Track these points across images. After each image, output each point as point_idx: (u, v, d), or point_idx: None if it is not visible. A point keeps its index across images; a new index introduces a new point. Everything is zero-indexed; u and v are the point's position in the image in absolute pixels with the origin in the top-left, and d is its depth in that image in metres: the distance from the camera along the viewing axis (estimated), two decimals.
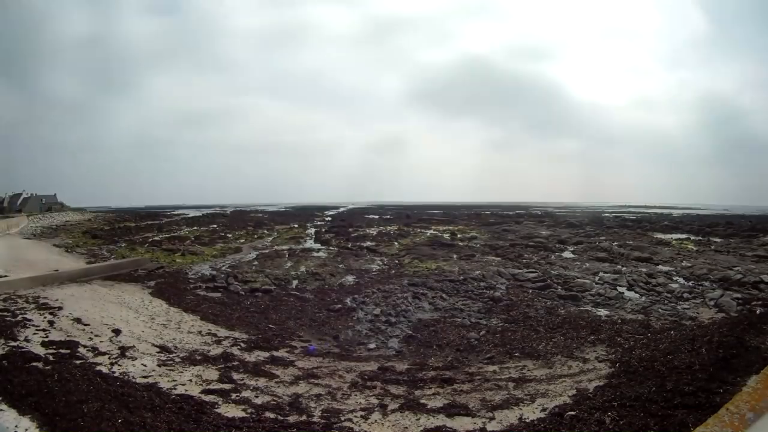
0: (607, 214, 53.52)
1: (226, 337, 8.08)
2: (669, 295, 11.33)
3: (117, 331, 7.69)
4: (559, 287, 12.41)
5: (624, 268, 14.89)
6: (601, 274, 13.98)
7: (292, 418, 4.76)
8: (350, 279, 14.03)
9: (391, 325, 9.39)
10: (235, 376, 6.05)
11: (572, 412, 4.51)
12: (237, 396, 5.34)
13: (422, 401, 5.27)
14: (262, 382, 5.92)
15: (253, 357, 7.04)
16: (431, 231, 30.69)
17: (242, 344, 7.69)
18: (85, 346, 6.72)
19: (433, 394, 5.56)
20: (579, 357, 6.85)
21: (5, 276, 11.45)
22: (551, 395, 5.34)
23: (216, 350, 7.26)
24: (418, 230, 31.29)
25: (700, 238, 25.94)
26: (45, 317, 8.10)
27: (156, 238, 26.50)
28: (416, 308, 10.62)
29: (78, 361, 6.01)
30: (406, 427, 4.62)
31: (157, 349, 7.02)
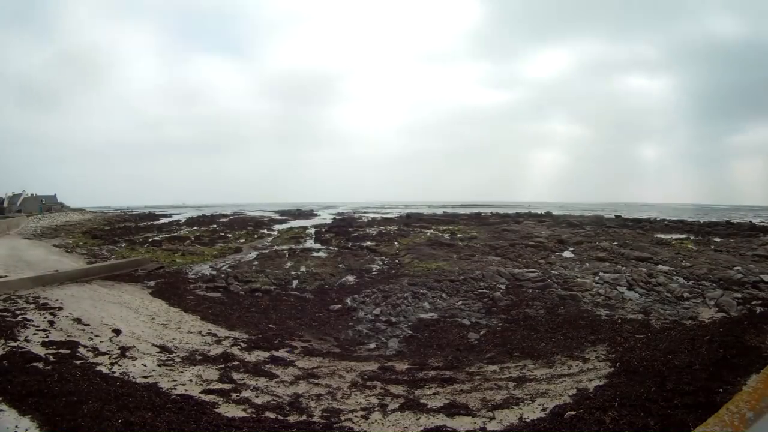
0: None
1: (226, 337, 8.08)
2: (669, 295, 11.31)
3: (117, 331, 7.69)
4: (559, 287, 12.40)
5: (624, 268, 14.88)
6: (601, 273, 13.97)
7: (292, 418, 4.76)
8: (350, 279, 14.02)
9: (391, 325, 9.39)
10: (236, 376, 6.05)
11: (572, 412, 4.52)
12: (237, 396, 5.34)
13: (422, 401, 5.27)
14: (262, 382, 5.91)
15: (253, 357, 7.04)
16: (431, 231, 30.70)
17: (242, 344, 7.69)
18: (85, 347, 6.72)
19: (434, 393, 5.56)
20: (579, 357, 6.85)
21: (5, 276, 11.45)
22: (551, 395, 5.34)
23: (216, 350, 7.25)
24: (418, 230, 31.31)
25: (700, 237, 25.95)
26: (45, 317, 8.10)
27: (156, 238, 26.52)
28: (416, 308, 10.62)
29: (78, 362, 6.01)
30: (407, 427, 4.63)
31: (157, 349, 7.02)
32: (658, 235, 26.69)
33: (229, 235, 28.75)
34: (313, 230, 32.77)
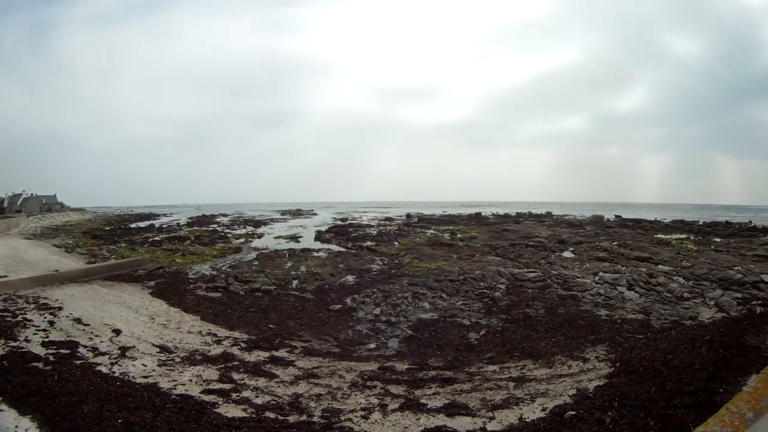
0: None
1: (226, 337, 8.08)
2: (669, 295, 11.32)
3: (117, 331, 7.69)
4: (559, 287, 12.41)
5: (624, 268, 14.89)
6: (601, 273, 13.97)
7: (292, 418, 4.77)
8: (350, 279, 14.03)
9: (391, 325, 9.39)
10: (235, 376, 6.05)
11: (572, 412, 4.51)
12: (237, 396, 5.34)
13: (422, 401, 5.27)
14: (262, 382, 5.92)
15: (253, 357, 7.05)
16: (431, 231, 30.71)
17: (242, 344, 7.69)
18: (85, 347, 6.72)
19: (434, 393, 5.56)
20: (579, 357, 6.85)
21: (5, 276, 11.45)
22: (551, 395, 5.34)
23: (216, 350, 7.26)
24: (418, 230, 31.33)
25: (700, 237, 25.96)
26: (45, 317, 8.10)
27: (156, 238, 26.54)
28: (416, 308, 10.62)
29: (78, 362, 6.01)
30: (407, 427, 4.63)
31: (157, 349, 7.02)
32: (658, 235, 26.71)
33: (229, 235, 28.79)
34: (313, 230, 32.79)
